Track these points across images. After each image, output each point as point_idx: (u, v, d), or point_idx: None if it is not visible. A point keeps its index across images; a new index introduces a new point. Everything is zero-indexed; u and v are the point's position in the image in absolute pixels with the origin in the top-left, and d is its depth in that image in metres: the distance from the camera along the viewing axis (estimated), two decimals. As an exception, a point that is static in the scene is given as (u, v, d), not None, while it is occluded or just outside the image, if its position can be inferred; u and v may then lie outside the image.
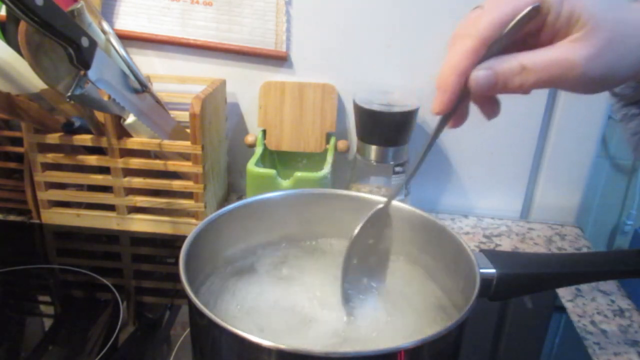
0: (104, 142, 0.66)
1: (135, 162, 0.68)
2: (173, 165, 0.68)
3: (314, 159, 0.76)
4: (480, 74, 0.34)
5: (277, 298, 0.46)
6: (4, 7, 0.55)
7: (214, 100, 0.71)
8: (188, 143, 0.66)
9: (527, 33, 0.35)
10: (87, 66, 0.51)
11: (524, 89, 0.35)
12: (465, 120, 0.38)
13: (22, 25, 0.50)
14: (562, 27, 0.34)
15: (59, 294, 0.62)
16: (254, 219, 0.49)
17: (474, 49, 0.34)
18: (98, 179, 0.69)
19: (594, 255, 0.57)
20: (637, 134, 0.46)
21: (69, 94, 0.52)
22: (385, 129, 0.68)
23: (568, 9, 0.34)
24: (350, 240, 0.44)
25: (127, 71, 0.58)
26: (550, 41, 0.35)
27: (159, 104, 0.64)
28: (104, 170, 0.69)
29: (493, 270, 0.42)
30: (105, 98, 0.57)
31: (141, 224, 0.72)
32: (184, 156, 0.68)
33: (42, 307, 0.60)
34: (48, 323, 0.57)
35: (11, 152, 0.72)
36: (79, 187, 0.73)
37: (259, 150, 0.73)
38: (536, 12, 0.33)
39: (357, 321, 0.44)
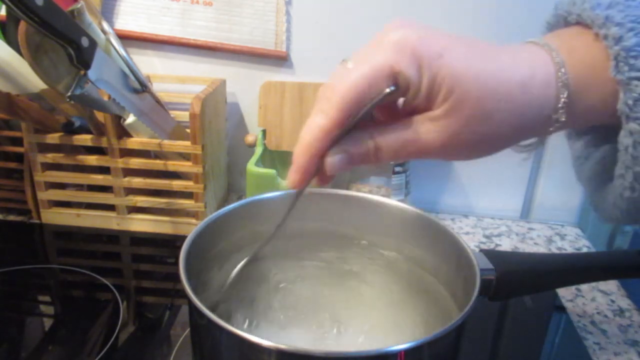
0: (104, 142, 0.66)
1: (135, 162, 0.68)
2: (173, 165, 0.68)
3: (314, 159, 0.76)
4: (335, 160, 0.33)
5: (275, 298, 0.46)
6: (4, 7, 0.55)
7: (214, 100, 0.71)
8: (188, 143, 0.66)
9: (391, 101, 0.34)
10: (87, 66, 0.51)
11: (380, 164, 0.36)
12: (331, 179, 0.37)
13: (22, 25, 0.50)
14: (422, 101, 0.32)
15: (59, 294, 0.62)
16: (254, 219, 0.49)
17: (327, 130, 0.32)
18: (98, 179, 0.69)
19: (594, 255, 0.57)
20: (581, 159, 0.40)
21: (69, 94, 0.52)
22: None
23: (428, 82, 0.31)
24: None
25: (127, 71, 0.58)
26: (414, 109, 0.33)
27: (159, 104, 0.64)
28: (104, 170, 0.69)
29: (493, 270, 0.42)
30: (105, 98, 0.57)
31: (141, 224, 0.72)
32: (184, 156, 0.68)
33: (42, 307, 0.60)
34: (48, 323, 0.57)
35: (11, 152, 0.72)
36: (79, 187, 0.73)
37: (259, 150, 0.73)
38: (395, 89, 0.31)
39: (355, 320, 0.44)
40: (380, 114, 0.36)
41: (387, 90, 0.31)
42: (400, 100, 0.35)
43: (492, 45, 0.32)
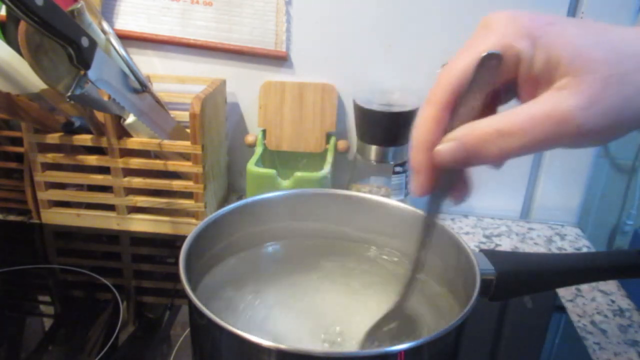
0: (104, 142, 0.66)
1: (135, 162, 0.68)
2: (173, 165, 0.68)
3: (314, 159, 0.76)
4: (443, 148, 0.29)
5: (277, 297, 0.46)
6: (4, 7, 0.55)
7: (214, 100, 0.71)
8: (188, 143, 0.66)
9: (504, 89, 0.30)
10: (87, 66, 0.51)
11: (504, 158, 0.29)
12: (469, 191, 0.33)
13: (22, 25, 0.50)
14: (541, 76, 0.28)
15: (59, 294, 0.62)
16: (254, 219, 0.49)
17: (434, 118, 0.29)
18: (98, 179, 0.69)
19: (594, 255, 0.57)
20: None
21: (69, 94, 0.52)
22: (385, 129, 0.68)
23: (543, 53, 0.28)
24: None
25: (127, 71, 0.58)
26: (534, 92, 0.29)
27: (159, 104, 0.64)
28: (104, 170, 0.69)
29: (493, 270, 0.42)
30: (105, 98, 0.57)
31: (141, 224, 0.72)
32: (184, 156, 0.68)
33: (42, 307, 0.60)
34: (48, 323, 0.57)
35: (11, 152, 0.72)
36: (79, 187, 0.73)
37: (259, 150, 0.73)
38: (497, 60, 0.28)
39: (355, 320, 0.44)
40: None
41: (484, 54, 0.28)
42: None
43: (602, 23, 0.29)
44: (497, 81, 0.29)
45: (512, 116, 0.28)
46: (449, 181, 0.32)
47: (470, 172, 0.33)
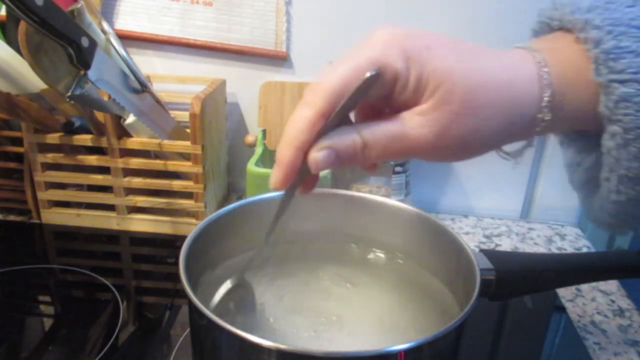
0: (104, 142, 0.66)
1: (135, 162, 0.68)
2: (173, 165, 0.68)
3: (314, 159, 0.76)
4: (319, 156, 0.31)
5: (275, 297, 0.46)
6: (4, 7, 0.55)
7: (214, 100, 0.71)
8: (188, 143, 0.66)
9: (377, 96, 0.32)
10: (87, 66, 0.51)
11: (368, 163, 0.33)
12: (315, 185, 0.35)
13: (22, 25, 0.50)
14: (410, 95, 0.31)
15: (59, 294, 0.62)
16: (254, 219, 0.49)
17: (312, 120, 0.31)
18: (98, 179, 0.69)
19: (594, 255, 0.57)
20: (573, 166, 0.40)
21: (69, 94, 0.52)
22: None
23: (416, 74, 0.31)
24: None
25: (127, 71, 0.58)
26: (402, 106, 0.32)
27: (159, 104, 0.64)
28: (104, 170, 0.69)
29: (493, 270, 0.42)
30: (105, 98, 0.57)
31: (141, 224, 0.72)
32: (184, 156, 0.68)
33: (42, 307, 0.60)
34: (48, 323, 0.57)
35: (11, 152, 0.72)
36: (79, 187, 0.73)
37: (259, 150, 0.73)
38: (377, 78, 0.30)
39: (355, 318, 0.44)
40: (368, 116, 0.35)
41: (368, 74, 0.30)
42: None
43: (476, 45, 0.33)
44: (373, 95, 0.32)
45: (375, 130, 0.32)
46: (302, 175, 0.34)
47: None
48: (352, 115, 0.34)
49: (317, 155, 0.32)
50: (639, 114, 0.30)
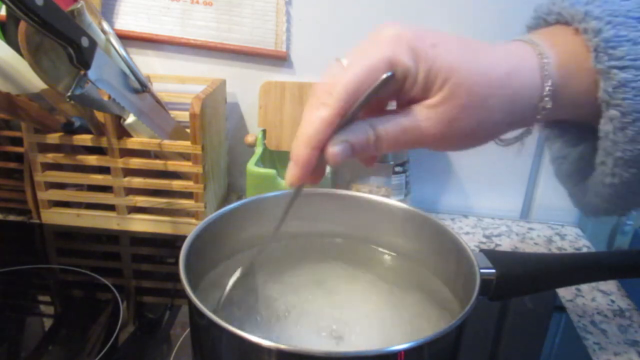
0: (104, 142, 0.66)
1: (135, 162, 0.68)
2: (173, 165, 0.68)
3: (314, 159, 0.76)
4: (337, 150, 0.33)
5: (277, 296, 0.46)
6: (4, 7, 0.55)
7: (214, 100, 0.71)
8: (188, 143, 0.66)
9: (388, 93, 0.34)
10: (87, 66, 0.51)
11: (378, 155, 0.37)
12: (322, 177, 0.37)
13: (22, 25, 0.50)
14: (419, 91, 0.33)
15: (59, 294, 0.62)
16: (254, 219, 0.49)
17: (329, 121, 0.33)
18: (98, 179, 0.69)
19: (594, 255, 0.57)
20: (559, 160, 0.43)
21: (69, 94, 0.52)
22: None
23: (424, 71, 0.32)
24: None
25: (127, 71, 0.58)
26: (411, 100, 0.34)
27: (159, 104, 0.64)
28: (104, 170, 0.69)
29: (493, 270, 0.42)
30: (105, 98, 0.57)
31: (141, 224, 0.72)
32: (184, 156, 0.68)
33: (42, 307, 0.60)
34: (48, 323, 0.57)
35: (11, 152, 0.72)
36: (79, 187, 0.73)
37: (259, 150, 0.73)
38: (392, 78, 0.32)
39: (355, 318, 0.44)
40: (379, 111, 0.37)
41: (384, 75, 0.32)
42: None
43: (479, 41, 0.35)
44: (384, 92, 0.33)
45: (386, 124, 0.34)
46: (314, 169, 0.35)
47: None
48: None
49: (334, 149, 0.33)
50: (636, 98, 0.31)
